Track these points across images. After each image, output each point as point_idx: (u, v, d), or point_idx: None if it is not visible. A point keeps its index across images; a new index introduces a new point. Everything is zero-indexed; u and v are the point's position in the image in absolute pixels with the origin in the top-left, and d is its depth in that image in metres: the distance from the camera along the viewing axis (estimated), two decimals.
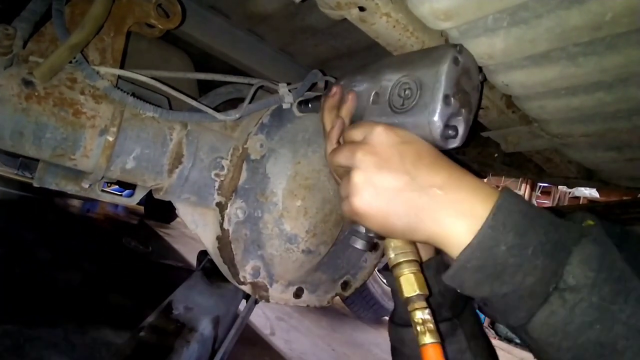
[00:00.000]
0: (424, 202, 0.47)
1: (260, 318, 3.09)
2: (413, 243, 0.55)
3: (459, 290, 0.47)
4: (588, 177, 1.07)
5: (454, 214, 0.46)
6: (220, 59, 1.16)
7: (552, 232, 0.43)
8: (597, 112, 0.68)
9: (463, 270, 0.44)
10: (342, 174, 0.56)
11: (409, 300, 0.51)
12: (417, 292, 0.50)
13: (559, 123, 0.75)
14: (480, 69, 0.58)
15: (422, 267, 0.59)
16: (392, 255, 0.53)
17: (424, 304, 0.50)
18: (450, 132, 0.51)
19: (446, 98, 0.51)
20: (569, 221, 0.45)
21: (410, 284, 0.51)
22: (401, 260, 0.53)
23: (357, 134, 0.55)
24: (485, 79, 0.59)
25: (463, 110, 0.53)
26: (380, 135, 0.51)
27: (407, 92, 0.54)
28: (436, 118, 0.50)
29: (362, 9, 0.59)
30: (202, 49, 1.11)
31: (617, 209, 1.36)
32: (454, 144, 0.54)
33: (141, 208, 5.53)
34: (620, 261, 0.41)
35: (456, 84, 0.52)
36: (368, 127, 0.53)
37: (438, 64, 0.52)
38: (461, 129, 0.53)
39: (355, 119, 0.64)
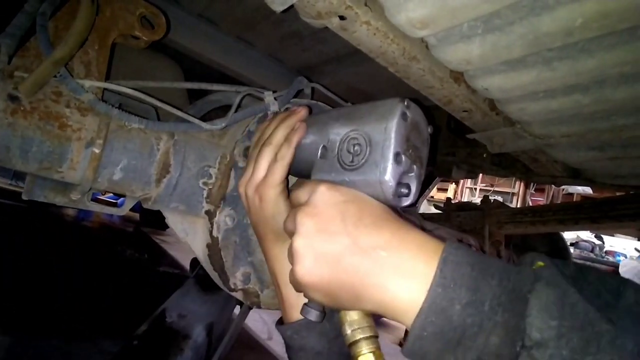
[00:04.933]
0: (367, 267, 0.42)
1: (258, 323, 3.09)
2: (370, 315, 0.49)
3: None
4: (574, 175, 1.09)
5: (397, 277, 0.41)
6: (210, 66, 1.17)
7: (505, 280, 0.38)
8: (576, 114, 0.69)
9: (421, 341, 0.39)
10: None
11: None
12: None
13: (540, 124, 0.77)
14: (428, 121, 0.55)
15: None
16: (348, 331, 0.48)
17: None
18: (403, 190, 0.49)
19: (397, 156, 0.48)
20: (520, 265, 0.41)
21: None
22: (359, 337, 0.48)
23: (302, 194, 0.52)
24: (433, 132, 0.55)
25: (414, 167, 0.51)
26: (322, 195, 0.48)
27: (356, 147, 0.51)
28: (387, 177, 0.47)
29: (342, 17, 0.60)
30: (192, 56, 1.12)
31: (605, 206, 1.37)
32: (407, 201, 0.51)
33: (136, 215, 5.51)
34: (581, 302, 0.36)
35: (406, 140, 0.50)
36: (312, 187, 0.50)
37: (386, 120, 0.49)
38: (414, 186, 0.51)
39: (304, 174, 0.61)
